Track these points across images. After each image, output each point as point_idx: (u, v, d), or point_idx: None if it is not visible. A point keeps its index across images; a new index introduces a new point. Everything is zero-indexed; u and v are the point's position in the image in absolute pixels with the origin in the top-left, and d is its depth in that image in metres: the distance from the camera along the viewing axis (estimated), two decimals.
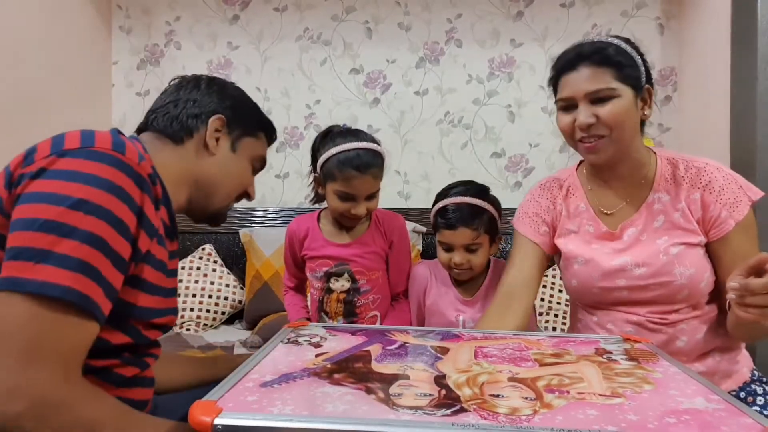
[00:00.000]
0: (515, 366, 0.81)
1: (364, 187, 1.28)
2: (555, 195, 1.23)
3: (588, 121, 1.05)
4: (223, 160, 0.94)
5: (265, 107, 2.61)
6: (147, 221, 0.74)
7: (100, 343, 0.72)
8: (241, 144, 0.97)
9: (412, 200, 2.60)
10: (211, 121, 0.92)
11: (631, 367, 0.82)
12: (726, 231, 1.07)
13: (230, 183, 0.97)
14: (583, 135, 1.07)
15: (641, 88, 1.07)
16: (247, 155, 0.98)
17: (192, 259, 2.36)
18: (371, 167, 1.28)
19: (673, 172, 1.12)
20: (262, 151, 1.03)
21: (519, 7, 2.56)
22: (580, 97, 1.06)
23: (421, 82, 2.59)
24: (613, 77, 1.05)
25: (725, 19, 2.08)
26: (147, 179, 0.74)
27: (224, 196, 0.97)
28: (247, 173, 1.00)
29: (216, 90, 0.97)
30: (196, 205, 0.94)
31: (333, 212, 1.35)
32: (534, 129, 2.57)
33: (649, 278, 1.09)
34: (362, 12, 2.58)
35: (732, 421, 0.63)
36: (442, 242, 1.37)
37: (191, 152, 0.92)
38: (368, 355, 0.84)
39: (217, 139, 0.94)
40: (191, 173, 0.91)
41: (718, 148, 2.09)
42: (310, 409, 0.63)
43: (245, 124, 0.98)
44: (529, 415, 0.63)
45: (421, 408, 0.64)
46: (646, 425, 0.61)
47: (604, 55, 1.06)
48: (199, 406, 0.61)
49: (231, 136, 0.96)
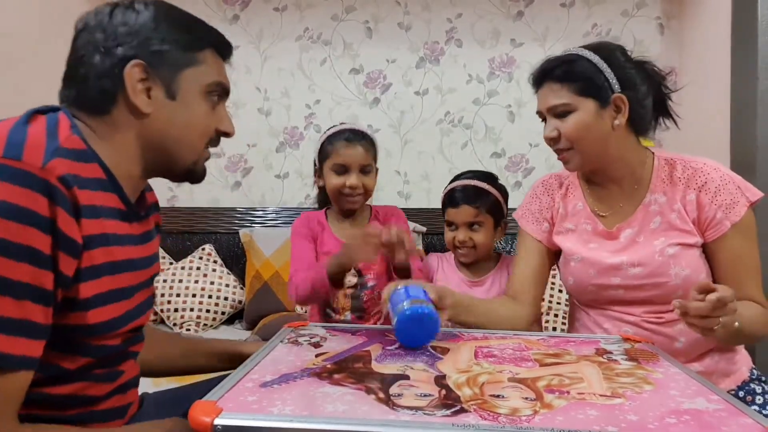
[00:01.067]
0: (515, 366, 0.81)
1: (355, 155, 1.35)
2: (554, 193, 1.25)
3: (550, 135, 1.11)
4: (165, 114, 0.76)
5: (265, 107, 2.61)
6: (64, 237, 0.62)
7: (58, 371, 0.68)
8: (180, 82, 0.76)
9: (412, 200, 2.60)
10: (127, 73, 0.72)
11: (631, 368, 0.82)
12: (722, 232, 1.06)
13: (188, 134, 0.78)
14: (553, 148, 1.13)
15: (607, 99, 1.07)
16: (194, 92, 0.78)
17: (192, 259, 2.36)
18: (361, 140, 1.37)
19: (671, 172, 1.12)
20: (215, 75, 0.80)
21: (519, 7, 2.56)
22: (545, 112, 1.12)
23: (421, 82, 2.59)
24: (572, 91, 1.08)
25: (725, 19, 2.08)
26: (57, 184, 0.61)
27: (189, 150, 0.80)
28: (205, 112, 0.80)
29: (118, 25, 0.73)
30: (160, 169, 0.80)
31: (332, 194, 1.39)
32: (534, 129, 2.57)
33: (644, 278, 1.09)
34: (362, 12, 2.58)
35: (732, 421, 0.63)
36: (447, 221, 1.48)
37: (123, 119, 0.74)
38: (368, 355, 0.84)
39: (148, 91, 0.74)
40: (135, 142, 0.75)
41: (718, 148, 2.09)
42: (310, 410, 0.63)
43: (174, 55, 0.76)
44: (530, 415, 0.63)
45: (421, 408, 0.64)
46: (647, 425, 0.61)
47: (564, 70, 1.09)
48: (199, 407, 0.61)
49: (161, 79, 0.75)
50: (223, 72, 0.83)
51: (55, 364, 0.67)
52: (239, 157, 2.63)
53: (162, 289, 2.24)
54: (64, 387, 0.70)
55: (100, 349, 0.72)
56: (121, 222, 0.75)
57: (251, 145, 2.63)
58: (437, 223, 2.49)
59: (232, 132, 0.84)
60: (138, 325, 0.79)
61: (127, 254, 0.75)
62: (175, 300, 2.23)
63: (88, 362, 0.71)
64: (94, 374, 0.73)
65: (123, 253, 0.74)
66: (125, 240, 0.75)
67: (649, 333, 1.09)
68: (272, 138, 2.62)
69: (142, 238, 0.81)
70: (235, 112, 2.61)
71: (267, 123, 2.62)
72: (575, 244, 1.18)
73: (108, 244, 0.70)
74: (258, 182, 2.63)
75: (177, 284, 2.25)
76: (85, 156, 0.69)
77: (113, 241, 0.71)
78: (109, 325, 0.71)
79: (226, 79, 0.84)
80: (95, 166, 0.71)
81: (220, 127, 0.82)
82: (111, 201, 0.73)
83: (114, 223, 0.72)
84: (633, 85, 1.09)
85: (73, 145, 0.68)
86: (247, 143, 2.62)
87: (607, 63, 1.08)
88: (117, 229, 0.73)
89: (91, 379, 0.73)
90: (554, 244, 1.22)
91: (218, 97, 0.82)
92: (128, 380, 0.82)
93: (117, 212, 0.74)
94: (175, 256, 2.42)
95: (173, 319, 2.22)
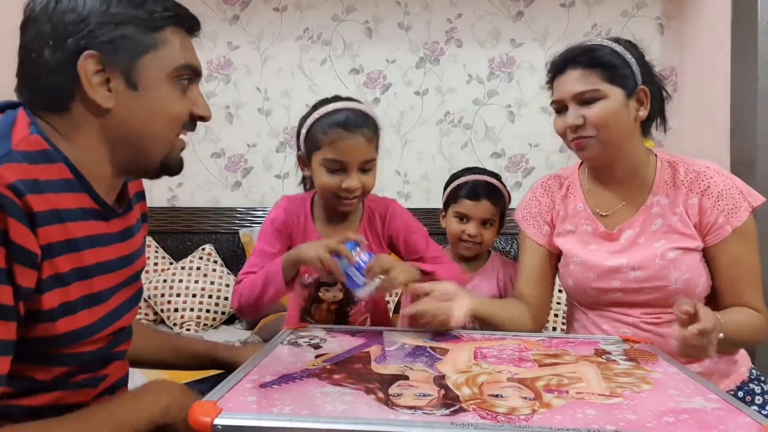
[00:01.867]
0: (514, 366, 0.81)
1: (355, 150, 1.09)
2: (555, 194, 1.24)
3: (575, 123, 1.07)
4: (128, 106, 0.69)
5: (265, 107, 2.61)
6: (18, 249, 0.58)
7: (32, 384, 0.65)
8: (140, 70, 0.69)
9: (412, 200, 2.60)
10: (80, 67, 0.66)
11: (630, 368, 0.82)
12: (722, 237, 1.06)
13: (156, 124, 0.71)
14: (573, 135, 1.09)
15: (633, 90, 1.07)
16: (158, 78, 0.71)
17: (192, 259, 2.36)
18: (361, 127, 1.10)
19: (673, 175, 1.11)
20: (181, 56, 0.72)
21: (519, 7, 2.56)
22: (568, 99, 1.08)
23: (421, 82, 2.59)
24: (601, 78, 1.05)
25: (725, 18, 2.08)
26: (7, 193, 0.57)
27: (160, 142, 0.73)
28: (174, 98, 0.73)
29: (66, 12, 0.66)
30: (133, 167, 0.74)
31: (323, 193, 1.14)
32: (534, 129, 2.57)
33: (643, 281, 1.08)
34: (362, 12, 2.58)
35: (730, 420, 0.63)
36: (460, 212, 1.43)
37: (84, 116, 0.68)
38: (368, 356, 0.84)
39: (107, 82, 0.67)
40: (100, 140, 0.70)
41: (719, 149, 2.09)
42: (310, 409, 0.63)
43: (131, 40, 0.68)
44: (528, 414, 0.63)
45: (421, 408, 0.64)
46: (645, 425, 0.61)
47: (591, 57, 1.07)
48: (199, 407, 0.62)
49: (120, 69, 0.68)
50: (191, 51, 0.75)
51: (29, 377, 0.64)
52: (239, 157, 2.63)
53: (162, 289, 2.25)
54: (41, 397, 0.66)
55: (75, 357, 0.68)
56: (96, 222, 0.70)
57: (251, 145, 2.63)
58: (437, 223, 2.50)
59: (209, 115, 0.77)
60: (120, 327, 0.75)
61: (101, 257, 0.70)
62: (175, 300, 2.23)
63: (65, 371, 0.67)
64: (73, 382, 0.70)
65: (95, 256, 0.69)
66: (100, 241, 0.71)
67: (647, 334, 1.09)
68: (272, 138, 2.62)
69: (122, 235, 0.76)
70: (236, 112, 2.62)
71: (267, 123, 2.62)
72: (575, 245, 1.17)
73: (76, 250, 0.66)
74: (258, 182, 2.63)
75: (177, 284, 2.26)
76: (47, 156, 0.65)
77: (83, 245, 0.67)
78: (80, 333, 0.67)
79: (195, 58, 0.76)
80: (61, 167, 0.66)
81: (194, 111, 0.75)
82: (81, 202, 0.68)
83: (84, 225, 0.68)
84: (652, 81, 1.09)
85: (32, 147, 0.64)
86: (247, 143, 2.63)
87: (630, 54, 1.08)
88: (88, 231, 0.69)
89: (70, 387, 0.69)
90: (555, 247, 1.22)
91: (189, 80, 0.75)
92: (115, 382, 0.79)
93: (90, 212, 0.69)
94: (175, 256, 2.42)
95: (173, 319, 2.23)
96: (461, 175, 1.50)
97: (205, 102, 0.78)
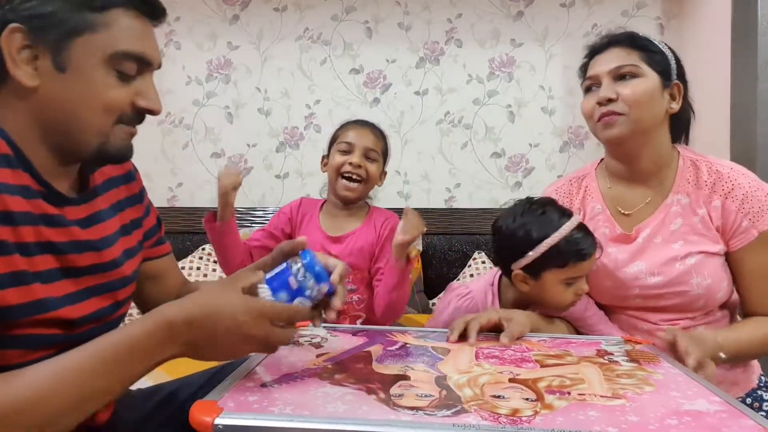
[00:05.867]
0: (516, 367, 0.80)
1: (361, 136, 1.36)
2: (573, 198, 1.20)
3: (608, 95, 1.04)
4: (55, 88, 0.65)
5: (265, 107, 2.61)
6: None
7: None
8: (71, 51, 0.64)
9: (412, 200, 2.60)
10: (3, 41, 0.62)
11: (632, 369, 0.82)
12: (748, 241, 1.03)
13: (85, 111, 0.66)
14: (602, 110, 1.05)
15: (669, 81, 1.07)
16: (92, 63, 0.65)
17: (192, 259, 2.35)
18: (372, 126, 1.41)
19: (696, 174, 1.08)
20: (124, 42, 0.66)
21: (519, 7, 2.56)
22: (603, 74, 1.07)
23: (421, 82, 2.59)
24: (641, 59, 1.05)
25: (726, 18, 2.08)
26: None
27: (90, 130, 0.68)
28: (107, 86, 0.67)
29: None
30: (67, 153, 0.70)
31: (332, 175, 1.36)
32: (534, 129, 2.57)
33: (663, 287, 1.06)
34: (362, 12, 2.58)
35: (733, 422, 0.63)
36: (575, 276, 1.06)
37: (13, 95, 0.65)
38: (369, 356, 0.84)
39: (34, 59, 0.64)
40: (28, 119, 0.66)
41: (719, 148, 2.09)
42: (311, 410, 0.63)
43: (64, 18, 0.63)
44: (530, 416, 0.62)
45: (422, 408, 0.63)
46: (647, 427, 0.61)
47: (634, 38, 1.08)
48: (199, 406, 0.61)
49: (49, 47, 0.64)
50: (142, 38, 0.69)
51: None
52: (239, 157, 2.63)
53: None
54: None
55: (28, 339, 0.64)
56: (40, 202, 0.66)
57: (251, 145, 2.62)
58: (437, 224, 2.50)
59: (157, 108, 0.71)
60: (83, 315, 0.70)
61: (44, 236, 0.66)
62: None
63: (20, 354, 0.64)
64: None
65: (37, 234, 0.65)
66: (46, 221, 0.66)
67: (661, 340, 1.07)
68: (272, 138, 2.62)
69: (83, 221, 0.72)
70: (236, 112, 2.61)
71: (267, 123, 2.62)
72: None
73: (12, 223, 0.62)
74: (258, 182, 2.63)
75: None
76: None
77: (21, 220, 0.63)
78: (22, 308, 0.62)
79: (146, 46, 0.69)
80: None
81: (138, 102, 0.70)
82: (21, 179, 0.64)
83: (24, 202, 0.64)
84: (685, 84, 1.09)
85: None
86: (247, 143, 2.62)
87: (671, 52, 1.09)
88: (30, 208, 0.65)
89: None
90: None
91: (137, 69, 0.69)
92: None
93: (33, 192, 0.66)
94: (175, 256, 2.41)
95: None
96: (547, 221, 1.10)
97: (156, 94, 0.72)
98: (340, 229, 1.40)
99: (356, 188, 1.34)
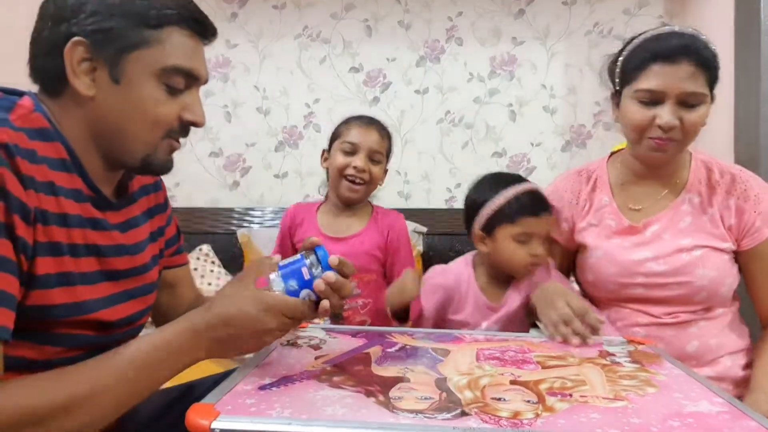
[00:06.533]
0: (517, 369, 0.80)
1: (366, 137, 1.30)
2: (581, 189, 1.21)
3: (673, 123, 0.99)
4: (109, 99, 0.69)
5: (263, 106, 2.60)
6: (16, 201, 0.59)
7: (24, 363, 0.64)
8: (125, 65, 0.68)
9: (412, 200, 2.59)
10: (66, 53, 0.66)
11: (634, 370, 0.81)
12: (760, 240, 1.06)
13: (135, 123, 0.71)
14: (660, 134, 1.01)
15: (713, 94, 1.04)
16: (144, 76, 0.69)
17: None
18: (377, 124, 1.34)
19: (708, 175, 1.10)
20: (175, 57, 0.71)
21: (520, 5, 2.55)
22: (672, 95, 0.99)
23: (422, 80, 2.58)
24: (706, 82, 0.99)
25: (728, 17, 2.07)
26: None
27: (139, 141, 0.72)
28: (157, 100, 0.71)
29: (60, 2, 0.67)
30: (114, 160, 0.74)
31: (334, 176, 1.31)
32: (535, 128, 2.56)
33: (668, 276, 1.07)
34: (362, 10, 2.57)
35: (736, 424, 0.62)
36: (524, 233, 1.11)
37: (72, 103, 0.69)
38: (368, 358, 0.83)
39: (93, 71, 0.68)
40: (84, 128, 0.70)
41: (722, 149, 2.08)
42: (309, 413, 0.62)
43: (122, 33, 0.68)
44: (531, 418, 0.62)
45: (422, 411, 0.63)
46: (650, 429, 0.61)
47: (704, 56, 0.98)
48: (196, 409, 0.61)
49: (106, 60, 0.68)
50: (192, 55, 0.73)
51: (19, 356, 0.63)
52: (238, 156, 2.62)
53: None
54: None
55: (65, 338, 0.67)
56: (88, 206, 0.70)
57: (250, 144, 2.62)
58: (437, 224, 2.49)
59: (201, 122, 0.75)
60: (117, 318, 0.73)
61: (90, 239, 0.70)
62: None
63: (56, 352, 0.66)
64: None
65: (85, 237, 0.69)
66: (93, 224, 0.70)
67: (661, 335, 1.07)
68: (271, 137, 2.61)
69: (121, 226, 0.76)
70: (234, 111, 2.61)
71: (266, 122, 2.61)
72: (596, 239, 1.15)
73: (67, 225, 0.66)
74: (257, 182, 2.62)
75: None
76: (45, 134, 0.66)
77: (74, 222, 0.67)
78: (66, 309, 0.66)
79: (196, 62, 0.73)
80: (57, 146, 0.67)
81: (184, 116, 0.73)
82: (75, 183, 0.69)
83: (76, 206, 0.68)
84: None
85: (32, 123, 0.66)
86: (245, 143, 2.61)
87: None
88: (81, 212, 0.69)
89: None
90: (573, 244, 1.20)
91: (185, 83, 0.73)
92: None
93: (84, 196, 0.70)
94: None
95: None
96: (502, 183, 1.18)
97: (201, 108, 0.76)
98: (342, 229, 1.37)
99: (360, 190, 1.31)
